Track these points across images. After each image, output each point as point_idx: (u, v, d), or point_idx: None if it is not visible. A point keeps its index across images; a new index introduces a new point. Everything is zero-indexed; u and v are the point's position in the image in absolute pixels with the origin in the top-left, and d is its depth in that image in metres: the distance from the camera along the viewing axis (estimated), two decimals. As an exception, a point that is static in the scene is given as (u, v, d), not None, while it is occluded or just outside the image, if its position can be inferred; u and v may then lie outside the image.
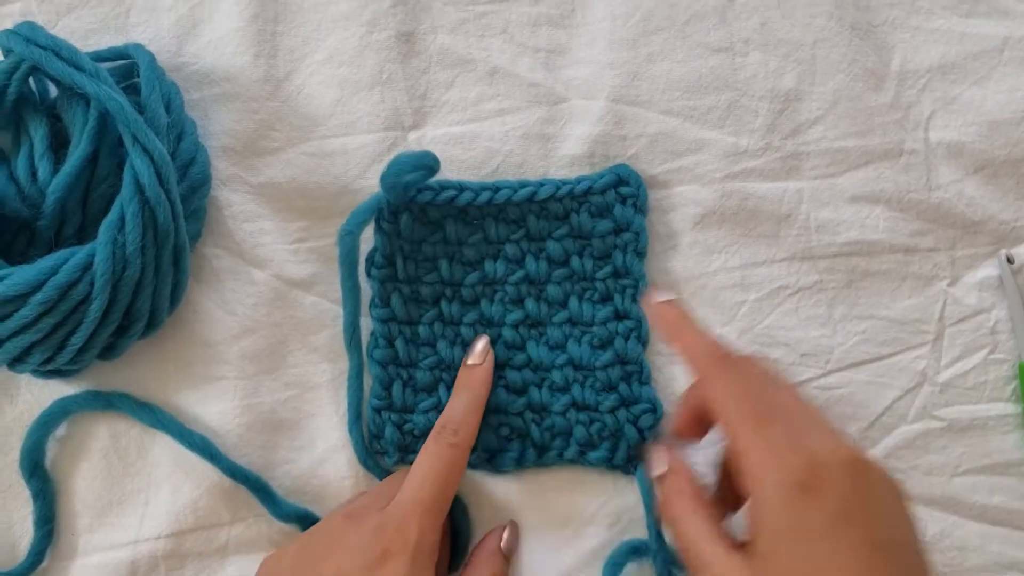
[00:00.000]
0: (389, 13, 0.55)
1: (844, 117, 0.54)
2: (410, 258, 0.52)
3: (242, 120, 0.54)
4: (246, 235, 0.54)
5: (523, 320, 0.52)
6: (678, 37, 0.55)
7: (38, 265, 0.46)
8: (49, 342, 0.48)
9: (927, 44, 0.55)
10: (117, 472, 0.53)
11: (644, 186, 0.53)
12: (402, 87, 0.55)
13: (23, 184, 0.49)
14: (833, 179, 0.54)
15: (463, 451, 0.48)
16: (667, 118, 0.54)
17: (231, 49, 0.54)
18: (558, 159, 0.54)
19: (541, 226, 0.53)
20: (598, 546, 0.52)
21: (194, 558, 0.52)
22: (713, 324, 0.53)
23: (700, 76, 0.54)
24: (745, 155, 0.54)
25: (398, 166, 0.49)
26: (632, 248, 0.52)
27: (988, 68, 0.55)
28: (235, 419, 0.52)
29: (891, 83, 0.55)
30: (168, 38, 0.55)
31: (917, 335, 0.54)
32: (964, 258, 0.54)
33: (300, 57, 0.55)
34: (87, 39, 0.55)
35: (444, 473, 0.47)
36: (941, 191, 0.54)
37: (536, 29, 0.55)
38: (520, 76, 0.55)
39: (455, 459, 0.48)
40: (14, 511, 0.53)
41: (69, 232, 0.50)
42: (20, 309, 0.46)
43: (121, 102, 0.47)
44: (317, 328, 0.54)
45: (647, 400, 0.52)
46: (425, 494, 0.46)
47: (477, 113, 0.55)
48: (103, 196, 0.50)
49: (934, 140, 0.54)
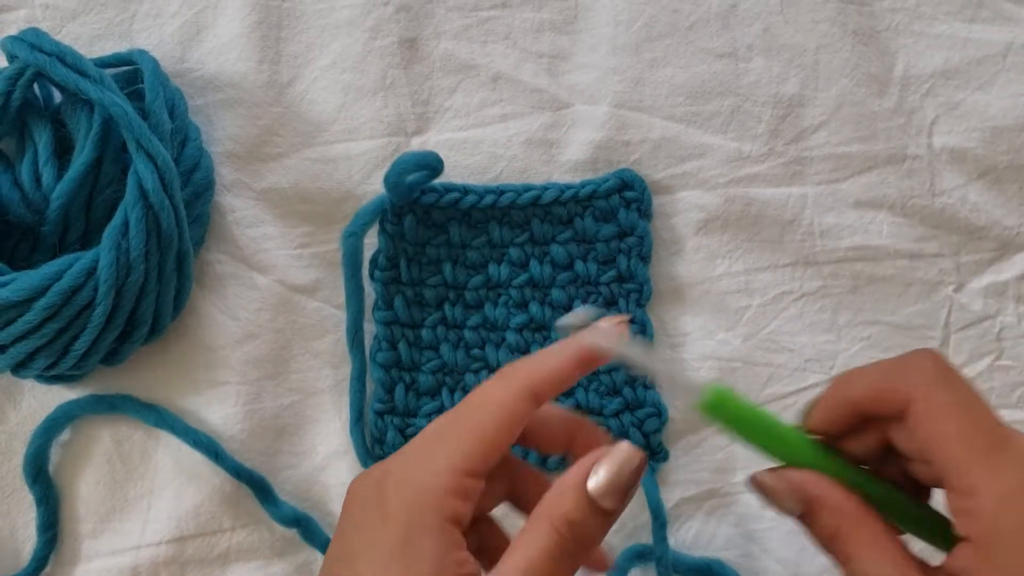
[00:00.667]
0: (392, 19, 0.55)
1: (847, 122, 0.54)
2: (414, 261, 0.52)
3: (246, 126, 0.54)
4: (249, 240, 0.54)
5: (527, 324, 0.52)
6: (681, 43, 0.55)
7: (42, 270, 0.46)
8: (53, 347, 0.48)
9: (930, 49, 0.55)
10: (120, 477, 0.53)
11: (648, 190, 0.53)
12: (405, 93, 0.55)
13: (27, 190, 0.49)
14: (837, 184, 0.54)
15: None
16: (670, 123, 0.54)
17: (235, 55, 0.54)
18: (561, 164, 0.54)
19: (545, 230, 0.53)
20: (602, 552, 0.52)
21: (195, 564, 0.52)
22: (717, 329, 0.53)
23: (703, 81, 0.54)
24: (748, 160, 0.54)
25: (401, 165, 0.49)
26: (636, 253, 0.52)
27: (991, 74, 0.55)
28: (237, 424, 0.52)
29: (894, 88, 0.55)
30: (172, 44, 0.55)
31: (922, 341, 0.54)
32: (969, 264, 0.54)
33: (303, 63, 0.55)
34: (91, 45, 0.55)
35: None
36: (945, 196, 0.54)
37: (539, 35, 0.55)
38: (523, 82, 0.55)
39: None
40: (17, 516, 0.53)
41: (73, 238, 0.50)
42: (24, 314, 0.46)
43: (125, 108, 0.47)
44: (320, 333, 0.54)
45: (651, 404, 0.52)
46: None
47: (480, 119, 0.55)
48: (107, 202, 0.50)
49: (937, 145, 0.54)
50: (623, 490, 0.33)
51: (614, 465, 0.33)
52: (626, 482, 0.33)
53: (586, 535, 0.32)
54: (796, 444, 0.36)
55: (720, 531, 0.52)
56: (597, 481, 0.33)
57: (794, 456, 0.36)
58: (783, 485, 0.35)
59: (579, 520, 0.32)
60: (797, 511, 0.35)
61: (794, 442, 0.36)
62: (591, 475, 0.33)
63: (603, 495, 0.33)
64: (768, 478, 0.36)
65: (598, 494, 0.32)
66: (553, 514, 0.32)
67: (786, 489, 0.35)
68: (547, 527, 0.32)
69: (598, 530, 0.33)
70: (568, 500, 0.32)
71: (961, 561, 0.32)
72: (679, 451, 0.53)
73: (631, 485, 0.33)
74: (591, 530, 0.33)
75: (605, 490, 0.33)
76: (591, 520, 0.32)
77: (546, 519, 0.32)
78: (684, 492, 0.53)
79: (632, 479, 0.33)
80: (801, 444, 0.36)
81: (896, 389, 0.34)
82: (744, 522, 0.52)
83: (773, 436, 0.36)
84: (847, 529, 0.34)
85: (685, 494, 0.53)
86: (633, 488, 0.33)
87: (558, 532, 0.32)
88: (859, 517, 0.34)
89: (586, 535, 0.32)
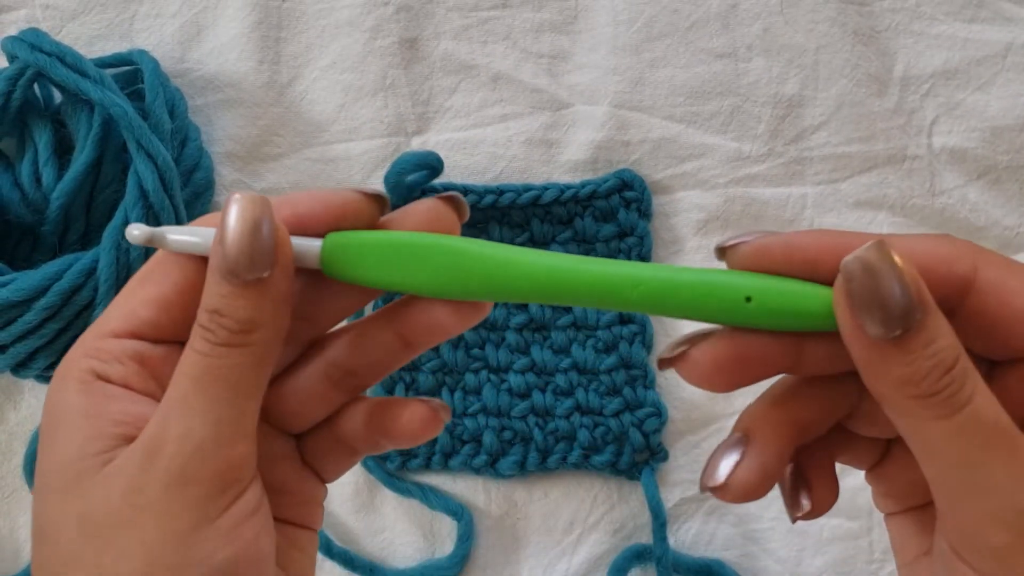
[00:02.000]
0: (392, 19, 0.55)
1: (847, 122, 0.54)
2: (413, 261, 0.52)
3: (245, 126, 0.54)
4: (249, 240, 0.54)
5: (527, 324, 0.52)
6: (681, 43, 0.55)
7: (42, 270, 0.46)
8: (53, 347, 0.48)
9: (930, 50, 0.55)
10: (120, 478, 0.53)
11: (648, 190, 0.53)
12: (405, 93, 0.55)
13: (27, 190, 0.49)
14: (836, 184, 0.54)
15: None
16: (670, 123, 0.54)
17: (235, 55, 0.54)
18: (561, 165, 0.54)
19: (545, 230, 0.53)
20: (602, 552, 0.52)
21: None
22: (717, 329, 0.53)
23: (703, 82, 0.54)
24: (748, 160, 0.54)
25: (401, 165, 0.49)
26: (636, 252, 0.52)
27: (991, 74, 0.55)
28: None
29: (894, 89, 0.55)
30: (172, 44, 0.55)
31: (922, 340, 0.54)
32: (968, 263, 0.54)
33: (304, 63, 0.55)
34: (91, 45, 0.55)
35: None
36: (944, 197, 0.54)
37: (539, 35, 0.55)
38: (523, 82, 0.55)
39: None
40: (18, 516, 0.53)
41: (73, 237, 0.50)
42: (24, 314, 0.46)
43: (125, 108, 0.47)
44: (320, 333, 0.53)
45: (651, 404, 0.52)
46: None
47: (480, 119, 0.55)
48: (107, 201, 0.50)
49: (937, 146, 0.54)
50: (262, 246, 0.27)
51: (239, 221, 0.27)
52: (262, 235, 0.27)
53: (237, 318, 0.27)
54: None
55: (720, 531, 0.53)
56: (228, 248, 0.27)
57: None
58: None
59: (221, 305, 0.27)
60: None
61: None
62: (221, 247, 0.27)
63: (241, 262, 0.27)
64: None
65: (234, 263, 0.26)
66: (200, 308, 0.27)
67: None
68: (195, 327, 0.27)
69: (254, 309, 0.27)
70: (209, 287, 0.27)
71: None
72: (679, 451, 0.53)
73: (268, 236, 0.27)
74: (242, 311, 0.27)
75: (239, 255, 0.27)
76: (238, 300, 0.27)
77: (195, 324, 0.27)
78: (684, 492, 0.53)
79: (267, 229, 0.27)
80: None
81: (953, 257, 0.27)
82: (744, 522, 0.52)
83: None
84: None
85: (685, 494, 0.53)
86: (273, 239, 0.27)
87: (204, 327, 0.27)
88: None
89: (237, 318, 0.27)
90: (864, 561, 0.52)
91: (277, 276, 0.27)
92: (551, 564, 0.52)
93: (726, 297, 0.27)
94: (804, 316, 0.27)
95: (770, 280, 0.27)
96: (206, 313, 0.27)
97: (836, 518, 0.52)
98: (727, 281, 0.27)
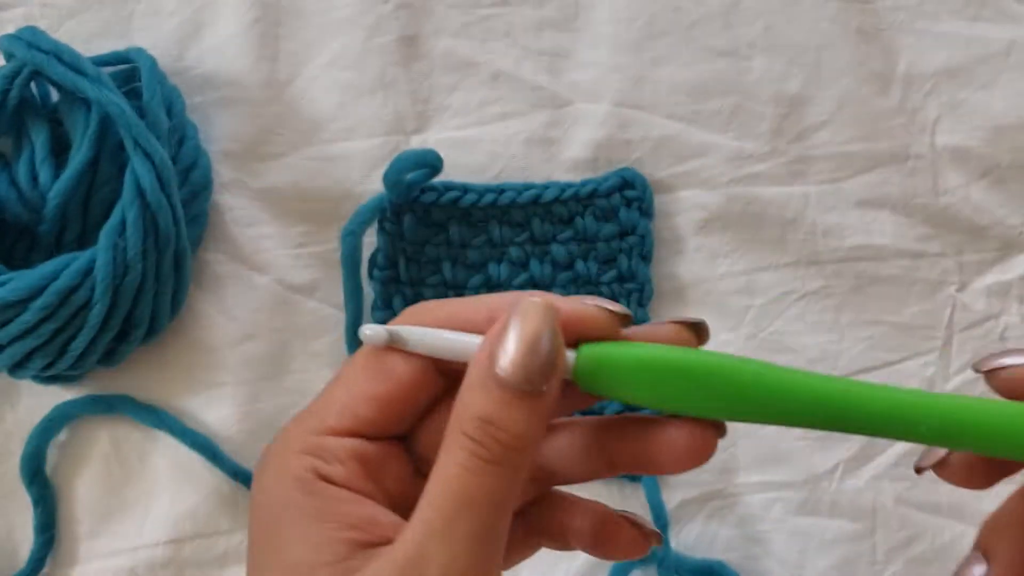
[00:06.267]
0: (392, 17, 0.55)
1: (850, 121, 0.54)
2: (413, 260, 0.52)
3: (244, 124, 0.54)
4: (247, 240, 0.54)
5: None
6: (682, 41, 0.55)
7: (39, 270, 0.46)
8: (50, 348, 0.47)
9: (933, 48, 0.55)
10: (118, 478, 0.52)
11: (650, 190, 0.53)
12: (405, 91, 0.54)
13: (24, 189, 0.49)
14: (839, 183, 0.54)
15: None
16: (671, 122, 0.54)
17: (233, 53, 0.54)
18: (562, 163, 0.54)
19: (545, 229, 0.52)
20: (603, 554, 0.52)
21: (193, 566, 0.52)
22: (719, 329, 0.53)
23: (705, 80, 0.54)
24: (750, 159, 0.54)
25: (401, 164, 0.49)
26: (637, 252, 0.52)
27: (994, 72, 0.55)
28: (235, 425, 0.52)
29: (897, 87, 0.55)
30: (170, 42, 0.55)
31: (925, 341, 0.53)
32: (972, 263, 0.54)
33: (302, 61, 0.55)
34: (89, 43, 0.55)
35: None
36: (948, 196, 0.54)
37: (540, 33, 0.55)
38: (523, 80, 0.55)
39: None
40: (14, 517, 0.53)
41: (70, 237, 0.50)
42: (21, 314, 0.46)
43: (122, 106, 0.47)
44: (318, 334, 0.53)
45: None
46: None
47: (480, 117, 0.54)
48: (104, 201, 0.50)
49: (940, 144, 0.54)
50: (543, 360, 0.26)
51: (523, 332, 0.26)
52: (544, 348, 0.26)
53: (512, 432, 0.26)
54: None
55: (722, 532, 0.52)
56: (506, 359, 0.26)
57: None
58: None
59: (496, 415, 0.26)
60: None
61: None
62: (497, 355, 0.26)
63: (518, 375, 0.26)
64: None
65: (512, 375, 0.26)
66: (463, 418, 0.26)
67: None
68: (458, 437, 0.26)
69: (528, 423, 0.26)
70: (477, 395, 0.26)
71: None
72: (680, 452, 0.53)
73: (551, 350, 0.26)
74: (517, 425, 0.26)
75: (519, 367, 0.26)
76: (513, 411, 0.26)
77: (456, 428, 0.26)
78: (685, 494, 0.52)
79: (551, 342, 0.26)
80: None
81: None
82: (746, 524, 0.52)
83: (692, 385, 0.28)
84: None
85: (686, 495, 0.52)
86: (556, 353, 0.26)
87: (472, 438, 0.26)
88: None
89: (512, 432, 0.26)
90: (867, 563, 0.52)
91: (553, 388, 0.26)
92: (552, 564, 0.52)
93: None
94: None
95: None
96: (476, 421, 0.26)
97: (839, 519, 0.52)
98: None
